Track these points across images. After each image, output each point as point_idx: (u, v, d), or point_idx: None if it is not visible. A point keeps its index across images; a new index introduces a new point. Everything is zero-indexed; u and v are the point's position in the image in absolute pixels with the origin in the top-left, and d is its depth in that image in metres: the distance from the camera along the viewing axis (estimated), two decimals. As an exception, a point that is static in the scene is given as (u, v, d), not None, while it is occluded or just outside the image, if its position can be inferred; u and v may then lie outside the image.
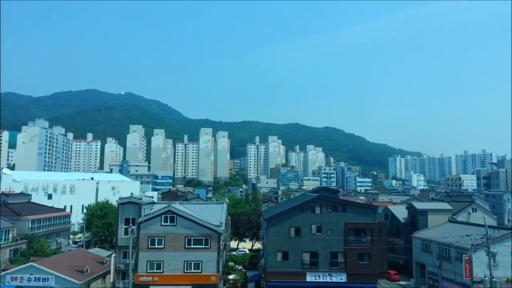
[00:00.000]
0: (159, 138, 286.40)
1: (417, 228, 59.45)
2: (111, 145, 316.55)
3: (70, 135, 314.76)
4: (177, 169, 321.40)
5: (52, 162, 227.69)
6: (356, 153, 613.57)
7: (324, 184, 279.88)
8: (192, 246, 43.56)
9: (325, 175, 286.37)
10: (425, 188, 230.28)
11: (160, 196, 75.53)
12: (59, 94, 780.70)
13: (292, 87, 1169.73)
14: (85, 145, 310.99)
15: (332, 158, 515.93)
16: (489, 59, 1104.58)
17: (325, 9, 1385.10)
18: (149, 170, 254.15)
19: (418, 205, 60.21)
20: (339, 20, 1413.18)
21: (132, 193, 50.59)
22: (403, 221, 62.51)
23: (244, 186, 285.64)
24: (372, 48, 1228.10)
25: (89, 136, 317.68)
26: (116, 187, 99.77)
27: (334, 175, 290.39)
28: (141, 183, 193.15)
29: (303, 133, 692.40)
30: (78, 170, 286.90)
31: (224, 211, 48.43)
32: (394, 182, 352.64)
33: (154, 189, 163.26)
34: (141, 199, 44.32)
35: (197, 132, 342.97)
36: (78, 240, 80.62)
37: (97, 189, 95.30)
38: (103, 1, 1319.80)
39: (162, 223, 43.66)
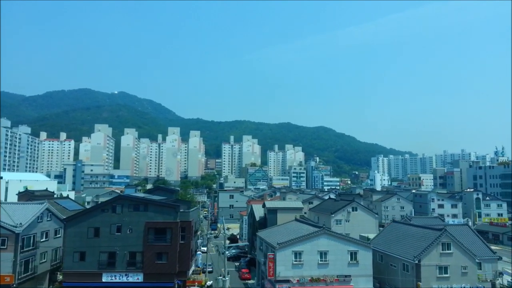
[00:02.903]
0: (128, 137, 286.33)
1: (267, 226, 59.64)
2: (86, 145, 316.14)
3: (44, 134, 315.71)
4: (150, 168, 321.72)
5: (14, 162, 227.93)
6: (344, 152, 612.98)
7: (293, 184, 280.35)
8: (-12, 247, 43.64)
9: (295, 175, 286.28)
10: (388, 186, 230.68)
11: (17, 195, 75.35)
12: (51, 94, 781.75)
13: (287, 88, 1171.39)
14: (58, 144, 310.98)
15: (317, 158, 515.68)
16: (487, 59, 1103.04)
17: (321, 10, 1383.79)
18: (114, 169, 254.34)
19: (268, 204, 60.25)
20: (335, 22, 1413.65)
21: None
22: (258, 219, 62.63)
23: (214, 185, 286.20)
24: (367, 49, 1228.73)
25: (62, 135, 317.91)
26: (29, 187, 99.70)
27: (305, 175, 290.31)
28: (96, 183, 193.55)
29: (293, 132, 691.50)
30: (51, 169, 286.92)
31: (41, 211, 48.37)
32: (370, 181, 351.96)
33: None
34: None
35: (187, 131, 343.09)
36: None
37: (6, 188, 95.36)
38: (100, 1, 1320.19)
39: (-43, 224, 43.75)
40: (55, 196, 74.60)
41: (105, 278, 43.83)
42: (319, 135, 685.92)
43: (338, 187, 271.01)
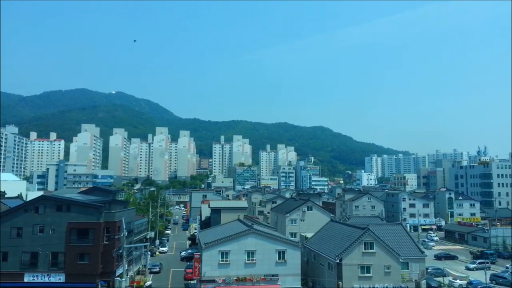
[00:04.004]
0: (117, 137, 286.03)
1: (211, 225, 59.50)
2: (76, 145, 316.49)
3: (34, 134, 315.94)
4: (140, 168, 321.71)
5: (0, 162, 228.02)
6: (340, 152, 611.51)
7: (282, 184, 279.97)
8: None
9: (284, 174, 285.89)
10: (374, 186, 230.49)
11: None
12: (48, 94, 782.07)
13: (285, 88, 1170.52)
14: (48, 144, 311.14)
15: (312, 157, 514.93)
16: (486, 59, 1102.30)
17: (321, 11, 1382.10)
18: (103, 169, 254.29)
19: (213, 204, 60.04)
20: (335, 22, 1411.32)
21: None
22: (204, 218, 62.47)
23: (203, 185, 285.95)
24: (367, 50, 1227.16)
25: (53, 135, 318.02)
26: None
27: (293, 174, 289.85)
28: (79, 183, 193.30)
29: (290, 132, 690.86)
30: (36, 170, 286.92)
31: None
32: (357, 180, 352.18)
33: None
34: None
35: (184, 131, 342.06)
36: None
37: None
38: (98, 1, 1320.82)
39: None
40: (6, 196, 74.12)
41: (27, 278, 43.64)
42: (316, 135, 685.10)
43: (326, 187, 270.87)
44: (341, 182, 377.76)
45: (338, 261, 42.77)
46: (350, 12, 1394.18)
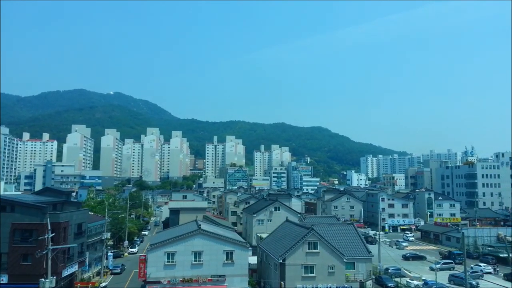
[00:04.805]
0: (109, 138, 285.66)
1: (170, 226, 59.35)
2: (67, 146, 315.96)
3: (27, 135, 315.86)
4: (133, 169, 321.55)
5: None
6: (337, 152, 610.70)
7: (274, 184, 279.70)
8: None
9: (275, 175, 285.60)
10: (364, 186, 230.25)
11: None
12: (46, 94, 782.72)
13: (284, 88, 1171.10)
14: (40, 145, 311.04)
15: (308, 158, 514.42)
16: (486, 59, 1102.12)
17: (320, 11, 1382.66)
18: (94, 169, 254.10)
19: (171, 204, 59.95)
20: (335, 22, 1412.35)
21: None
22: (164, 219, 62.34)
23: (194, 186, 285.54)
24: (366, 50, 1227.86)
25: (45, 136, 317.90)
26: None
27: (285, 175, 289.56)
28: (67, 184, 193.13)
29: (287, 133, 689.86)
30: (23, 170, 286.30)
31: None
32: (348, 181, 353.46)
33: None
34: None
35: (182, 132, 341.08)
36: None
37: None
38: (95, 1, 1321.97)
39: None
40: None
41: (-31, 279, 43.40)
42: (313, 135, 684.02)
43: (317, 187, 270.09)
44: (336, 182, 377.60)
45: (281, 261, 42.55)
46: (350, 12, 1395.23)
